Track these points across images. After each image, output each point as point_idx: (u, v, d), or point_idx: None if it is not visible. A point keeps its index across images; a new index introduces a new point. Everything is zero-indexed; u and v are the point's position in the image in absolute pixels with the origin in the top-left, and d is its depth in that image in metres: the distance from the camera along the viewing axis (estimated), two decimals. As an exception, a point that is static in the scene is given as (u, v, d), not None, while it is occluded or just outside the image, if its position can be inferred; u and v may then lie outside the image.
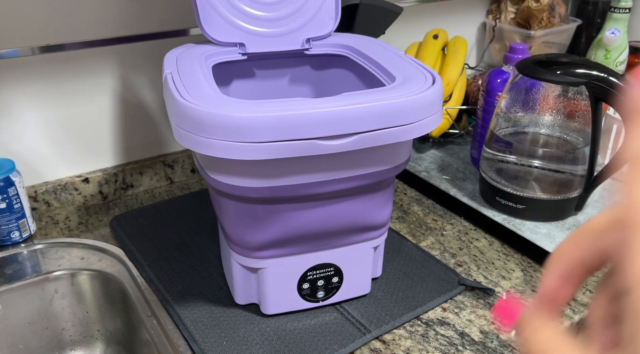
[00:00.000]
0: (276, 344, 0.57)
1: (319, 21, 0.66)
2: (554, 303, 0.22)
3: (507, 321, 0.21)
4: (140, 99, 0.84)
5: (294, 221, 0.54)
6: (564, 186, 0.76)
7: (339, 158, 0.50)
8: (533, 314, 0.21)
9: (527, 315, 0.21)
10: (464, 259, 0.71)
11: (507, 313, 0.22)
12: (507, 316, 0.22)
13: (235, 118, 0.45)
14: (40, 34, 0.72)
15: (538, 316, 0.21)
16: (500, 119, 0.79)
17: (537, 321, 0.21)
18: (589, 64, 0.71)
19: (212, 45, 0.62)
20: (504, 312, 0.22)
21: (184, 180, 0.90)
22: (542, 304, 0.22)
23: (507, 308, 0.22)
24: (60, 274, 0.69)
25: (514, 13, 1.13)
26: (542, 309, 0.22)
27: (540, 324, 0.21)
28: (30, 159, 0.78)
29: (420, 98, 0.49)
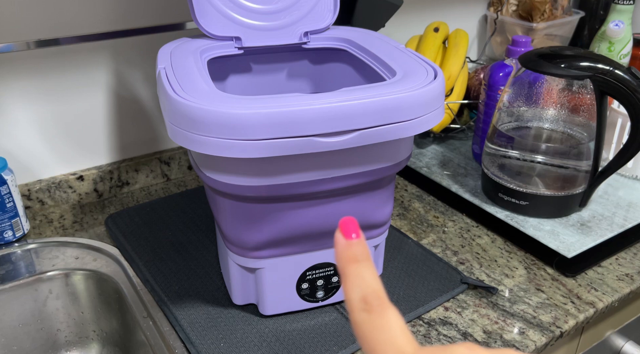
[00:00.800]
0: (275, 346, 0.56)
1: (317, 14, 0.64)
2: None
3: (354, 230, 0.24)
4: (136, 95, 0.82)
5: (293, 220, 0.53)
6: (567, 182, 0.74)
7: (338, 155, 0.49)
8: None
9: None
10: (466, 257, 0.70)
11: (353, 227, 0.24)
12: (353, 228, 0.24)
13: (231, 115, 0.43)
14: (34, 28, 0.71)
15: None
16: (503, 113, 0.78)
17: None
18: (594, 57, 0.69)
19: (207, 39, 0.61)
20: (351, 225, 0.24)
21: (180, 177, 0.89)
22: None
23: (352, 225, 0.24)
24: (54, 274, 0.67)
25: (515, 5, 1.11)
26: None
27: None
28: (23, 156, 0.76)
29: (421, 93, 0.48)
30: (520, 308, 0.62)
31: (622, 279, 0.66)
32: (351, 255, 0.23)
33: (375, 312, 0.22)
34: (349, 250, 0.23)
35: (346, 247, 0.23)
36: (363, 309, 0.22)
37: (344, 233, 0.23)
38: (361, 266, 0.23)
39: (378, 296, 0.22)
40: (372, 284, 0.22)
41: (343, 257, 0.23)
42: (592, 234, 0.73)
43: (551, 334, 0.58)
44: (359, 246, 0.23)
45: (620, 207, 0.79)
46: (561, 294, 0.64)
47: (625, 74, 0.66)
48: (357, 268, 0.23)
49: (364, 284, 0.22)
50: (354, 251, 0.23)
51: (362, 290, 0.22)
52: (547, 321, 0.60)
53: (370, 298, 0.22)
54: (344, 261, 0.23)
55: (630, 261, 0.69)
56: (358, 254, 0.23)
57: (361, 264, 0.23)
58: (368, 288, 0.22)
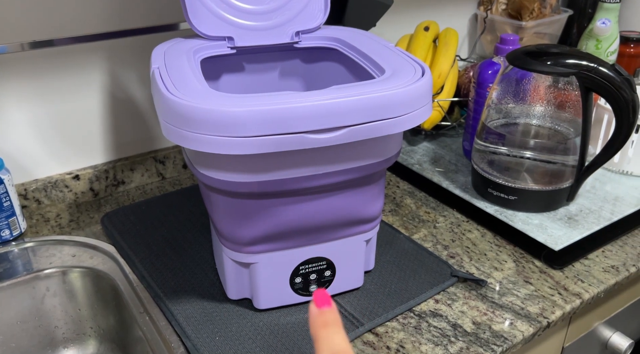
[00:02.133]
0: (269, 339, 0.57)
1: (308, 14, 0.65)
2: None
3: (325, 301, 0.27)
4: (130, 95, 0.83)
5: (285, 216, 0.54)
6: (555, 177, 0.76)
7: (329, 152, 0.50)
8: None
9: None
10: (456, 251, 0.71)
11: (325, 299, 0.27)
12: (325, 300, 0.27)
13: (224, 113, 0.44)
14: (28, 29, 0.72)
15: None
16: (492, 110, 0.79)
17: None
18: (579, 55, 0.70)
19: (200, 39, 0.62)
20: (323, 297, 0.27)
21: (175, 176, 0.90)
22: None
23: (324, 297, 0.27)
24: (51, 272, 0.68)
25: (505, 4, 1.13)
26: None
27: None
28: (19, 156, 0.77)
29: (409, 90, 0.49)
30: (508, 300, 0.63)
31: (608, 270, 0.68)
32: (322, 321, 0.26)
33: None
34: (320, 317, 0.26)
35: (318, 315, 0.26)
36: None
37: (316, 303, 0.27)
38: (331, 331, 0.26)
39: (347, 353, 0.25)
40: (340, 344, 0.25)
41: (315, 323, 0.26)
42: (579, 227, 0.75)
43: (538, 324, 0.60)
44: (330, 314, 0.26)
45: (607, 201, 0.80)
46: (549, 285, 0.65)
47: (609, 70, 0.68)
48: (327, 332, 0.26)
49: (333, 345, 0.25)
50: (325, 318, 0.26)
51: (331, 350, 0.25)
52: (534, 312, 0.61)
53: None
54: (316, 327, 0.26)
55: (616, 253, 0.71)
56: (329, 321, 0.26)
57: (331, 329, 0.26)
58: (337, 347, 0.25)
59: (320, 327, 0.26)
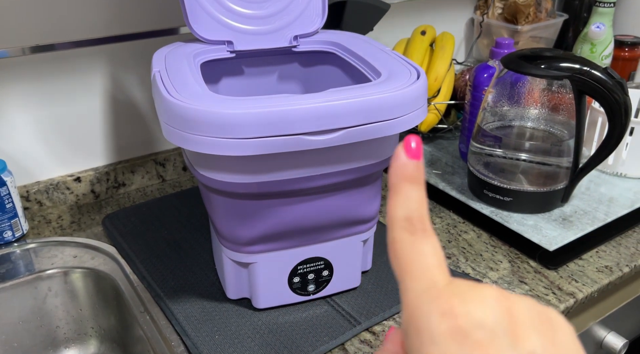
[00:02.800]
0: (268, 338, 0.58)
1: (306, 18, 0.66)
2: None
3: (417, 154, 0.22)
4: (131, 98, 0.84)
5: (283, 216, 0.55)
6: (550, 178, 0.77)
7: (326, 153, 0.51)
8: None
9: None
10: (452, 251, 0.72)
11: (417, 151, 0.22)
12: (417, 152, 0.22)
13: (223, 115, 0.45)
14: (29, 34, 0.73)
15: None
16: (487, 113, 0.80)
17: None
18: (572, 58, 0.72)
19: (200, 43, 0.63)
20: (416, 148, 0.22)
21: (175, 178, 0.91)
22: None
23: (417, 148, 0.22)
24: (53, 273, 0.69)
25: (501, 8, 1.14)
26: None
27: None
28: (21, 159, 0.78)
29: (405, 93, 0.50)
30: (503, 299, 0.64)
31: (602, 270, 0.69)
32: (408, 174, 0.22)
33: (417, 234, 0.21)
34: (407, 168, 0.22)
35: (405, 165, 0.22)
36: (405, 228, 0.21)
37: (406, 149, 0.22)
38: (414, 188, 0.22)
39: (423, 220, 0.21)
40: (419, 208, 0.22)
41: (399, 174, 0.22)
42: (573, 228, 0.76)
43: (533, 323, 0.61)
44: (418, 167, 0.22)
45: (602, 202, 0.81)
46: (543, 285, 0.66)
47: (601, 74, 0.69)
48: (409, 187, 0.22)
49: (412, 205, 0.21)
50: (411, 171, 0.22)
51: (408, 210, 0.21)
52: (529, 311, 0.62)
53: (415, 220, 0.21)
54: (399, 177, 0.22)
55: (609, 254, 0.72)
56: (415, 175, 0.22)
57: (414, 186, 0.22)
58: (415, 210, 0.21)
59: (403, 179, 0.22)
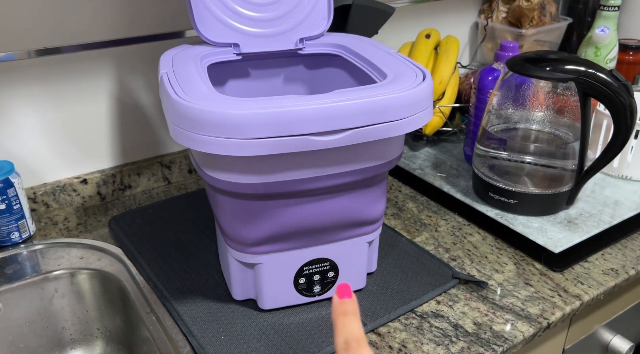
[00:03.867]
0: (273, 339, 0.58)
1: (312, 21, 0.67)
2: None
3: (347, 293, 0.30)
4: (137, 101, 0.85)
5: (289, 217, 0.55)
6: (555, 181, 0.77)
7: (332, 154, 0.51)
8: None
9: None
10: (457, 253, 0.72)
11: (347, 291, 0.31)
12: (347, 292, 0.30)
13: (230, 115, 0.46)
14: (36, 37, 0.73)
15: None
16: (492, 116, 0.80)
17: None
18: (577, 61, 0.72)
19: (207, 46, 0.64)
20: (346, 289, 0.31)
21: (181, 180, 0.91)
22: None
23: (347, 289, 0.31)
24: (59, 274, 0.70)
25: (505, 12, 1.15)
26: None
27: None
28: (29, 160, 0.79)
29: (410, 94, 0.50)
30: (509, 301, 0.64)
31: (608, 273, 0.69)
32: (342, 310, 0.29)
33: (351, 351, 0.28)
34: (341, 306, 0.29)
35: (339, 304, 0.30)
36: (343, 349, 0.28)
37: (338, 294, 0.30)
38: (348, 319, 0.29)
39: (357, 340, 0.28)
40: (354, 331, 0.28)
41: (336, 311, 0.29)
42: (579, 230, 0.76)
43: (539, 325, 0.61)
44: (350, 304, 0.30)
45: (607, 205, 0.81)
46: (549, 287, 0.66)
47: (607, 76, 0.69)
48: (345, 319, 0.29)
49: (349, 331, 0.28)
50: (344, 308, 0.29)
51: (346, 335, 0.28)
52: (535, 313, 0.62)
53: (351, 341, 0.28)
54: (337, 314, 0.29)
55: (615, 256, 0.72)
56: (348, 310, 0.29)
57: (348, 317, 0.29)
58: (350, 334, 0.28)
59: (340, 315, 0.29)
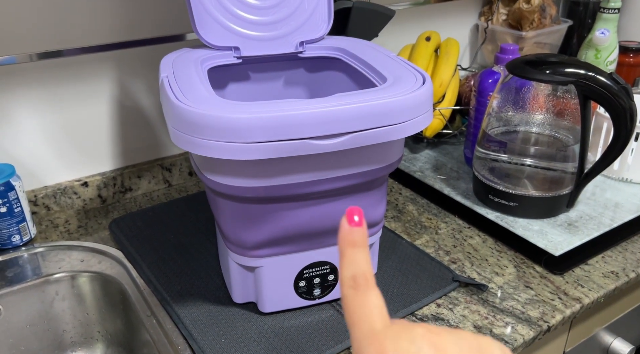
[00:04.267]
0: (274, 342, 0.59)
1: (312, 24, 0.67)
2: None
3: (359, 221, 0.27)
4: (138, 104, 0.85)
5: (289, 220, 0.55)
6: (555, 183, 0.77)
7: (332, 157, 0.51)
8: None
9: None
10: (457, 256, 0.72)
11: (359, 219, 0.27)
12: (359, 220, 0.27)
13: (230, 119, 0.46)
14: (37, 40, 0.74)
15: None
16: (492, 118, 0.81)
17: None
18: (577, 64, 0.72)
19: (207, 49, 0.64)
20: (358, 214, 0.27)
21: (181, 183, 0.91)
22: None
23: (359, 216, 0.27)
24: (60, 277, 0.70)
25: (505, 15, 1.15)
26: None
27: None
28: (29, 163, 0.79)
29: (410, 98, 0.50)
30: (509, 304, 0.64)
31: (608, 276, 0.69)
32: (351, 239, 0.26)
33: (360, 290, 0.25)
34: (350, 235, 0.26)
35: (348, 233, 0.26)
36: (351, 286, 0.25)
37: (348, 220, 0.26)
38: (357, 250, 0.26)
39: (366, 277, 0.25)
40: (362, 267, 0.26)
41: (344, 240, 0.26)
42: (579, 233, 0.76)
43: (539, 328, 0.61)
44: (360, 233, 0.26)
45: (607, 208, 0.81)
46: (549, 290, 0.66)
47: (606, 79, 0.69)
48: (353, 251, 0.26)
49: (356, 265, 0.25)
50: (354, 237, 0.26)
51: (353, 270, 0.25)
52: (535, 316, 0.62)
53: (359, 278, 0.25)
54: (344, 244, 0.26)
55: (615, 259, 0.72)
56: (357, 240, 0.26)
57: (357, 249, 0.26)
58: (358, 269, 0.25)
59: (348, 245, 0.26)
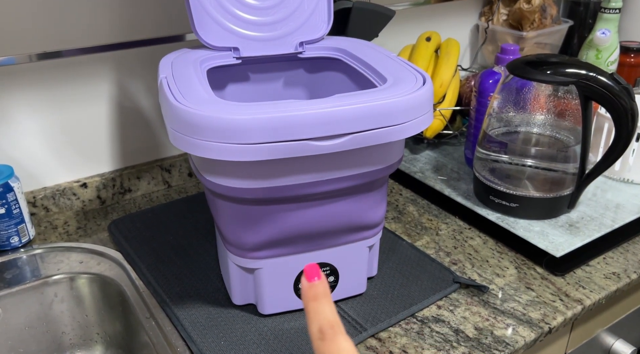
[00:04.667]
0: (273, 344, 0.58)
1: (311, 25, 0.67)
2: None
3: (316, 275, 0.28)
4: (137, 104, 0.85)
5: (289, 221, 0.55)
6: (556, 184, 0.77)
7: (332, 158, 0.51)
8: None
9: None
10: (458, 257, 0.72)
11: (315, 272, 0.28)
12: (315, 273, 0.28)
13: (229, 120, 0.46)
14: (36, 41, 0.73)
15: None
16: (493, 119, 0.80)
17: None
18: (578, 64, 0.72)
19: (206, 50, 0.63)
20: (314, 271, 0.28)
21: (181, 184, 0.91)
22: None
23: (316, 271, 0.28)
24: (59, 278, 0.70)
25: (506, 15, 1.15)
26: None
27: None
28: (28, 164, 0.79)
29: (410, 98, 0.50)
30: (510, 306, 0.64)
31: (610, 277, 0.68)
32: (312, 294, 0.27)
33: (327, 339, 0.26)
34: (310, 290, 0.28)
35: (308, 288, 0.28)
36: (319, 338, 0.26)
37: (307, 277, 0.28)
38: (320, 303, 0.27)
39: (331, 325, 0.27)
40: (328, 316, 0.27)
41: (306, 296, 0.28)
42: (580, 234, 0.75)
43: (540, 330, 0.60)
44: (319, 286, 0.28)
45: (608, 208, 0.81)
46: (550, 292, 0.66)
47: (608, 79, 0.69)
48: (316, 304, 0.27)
49: (321, 317, 0.27)
50: (314, 291, 0.27)
51: (319, 321, 0.27)
52: (536, 317, 0.62)
53: (325, 328, 0.26)
54: (307, 299, 0.27)
55: (617, 260, 0.71)
56: (318, 293, 0.27)
57: (320, 301, 0.27)
58: (324, 320, 0.27)
59: (310, 300, 0.27)
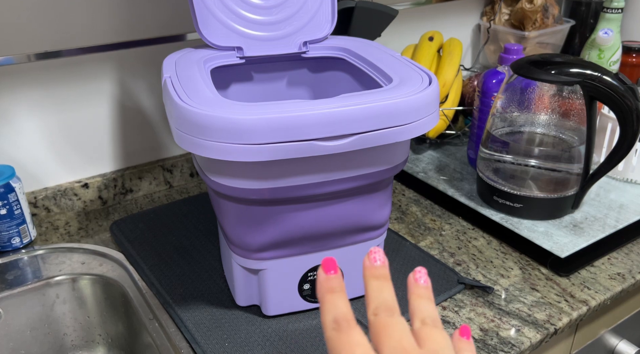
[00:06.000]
0: (278, 345, 0.58)
1: (315, 24, 0.66)
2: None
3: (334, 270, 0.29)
4: (139, 104, 0.84)
5: (294, 222, 0.54)
6: (560, 185, 0.76)
7: (338, 159, 0.51)
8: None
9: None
10: (462, 258, 0.72)
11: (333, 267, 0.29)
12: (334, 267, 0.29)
13: (234, 120, 0.45)
14: (36, 40, 0.73)
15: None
16: (496, 119, 0.80)
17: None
18: (583, 64, 0.71)
19: (210, 49, 0.63)
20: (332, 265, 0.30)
21: (183, 184, 0.91)
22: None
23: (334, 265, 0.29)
24: (61, 279, 0.69)
25: (508, 14, 1.14)
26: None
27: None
28: (29, 165, 0.78)
29: (417, 99, 0.50)
30: (515, 307, 0.63)
31: (614, 278, 0.68)
32: (329, 286, 0.28)
33: (342, 331, 0.27)
34: (327, 282, 0.29)
35: (326, 280, 0.29)
36: (333, 328, 0.27)
37: (324, 270, 0.29)
38: (336, 296, 0.28)
39: (347, 319, 0.27)
40: (343, 310, 0.28)
41: (322, 288, 0.29)
42: (584, 235, 0.75)
43: (545, 331, 0.60)
44: (336, 280, 0.29)
45: (612, 209, 0.81)
46: (555, 293, 0.65)
47: (612, 79, 0.69)
48: (332, 296, 0.28)
49: (337, 309, 0.28)
50: (331, 284, 0.29)
51: (334, 313, 0.28)
52: (541, 318, 0.62)
53: (340, 320, 0.27)
54: (323, 291, 0.28)
55: (622, 261, 0.71)
56: (335, 286, 0.29)
57: (336, 294, 0.28)
58: (339, 312, 0.28)
59: (327, 292, 0.28)
